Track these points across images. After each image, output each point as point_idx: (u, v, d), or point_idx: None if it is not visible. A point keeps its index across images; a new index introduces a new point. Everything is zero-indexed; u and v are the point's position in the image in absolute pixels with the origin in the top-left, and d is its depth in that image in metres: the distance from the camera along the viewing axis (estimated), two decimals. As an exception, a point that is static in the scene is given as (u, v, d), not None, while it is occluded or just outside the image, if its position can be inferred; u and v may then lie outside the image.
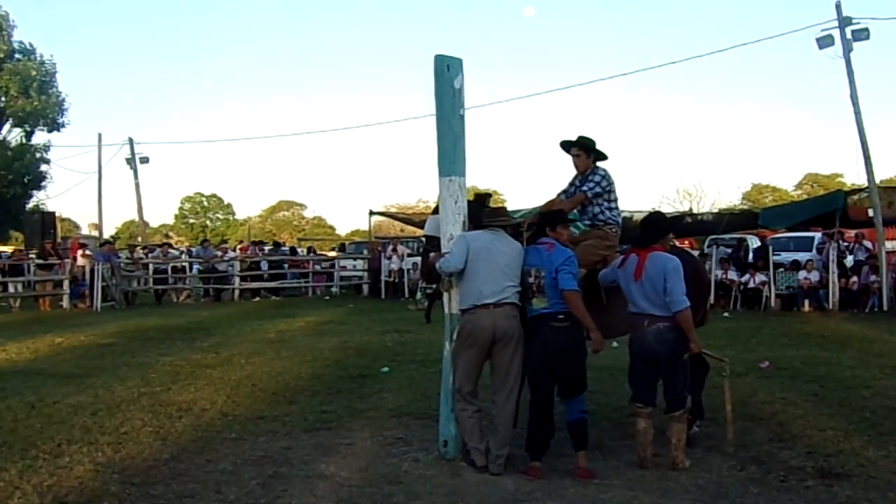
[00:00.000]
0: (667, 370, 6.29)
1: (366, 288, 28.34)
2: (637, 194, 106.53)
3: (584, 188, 7.19)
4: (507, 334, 6.18)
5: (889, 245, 22.42)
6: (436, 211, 7.15)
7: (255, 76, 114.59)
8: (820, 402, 8.57)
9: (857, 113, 21.50)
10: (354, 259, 31.07)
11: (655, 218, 6.83)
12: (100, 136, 39.51)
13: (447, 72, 6.54)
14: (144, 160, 38.63)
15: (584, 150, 7.27)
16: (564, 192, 7.43)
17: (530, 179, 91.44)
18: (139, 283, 26.38)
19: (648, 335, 6.22)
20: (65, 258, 24.75)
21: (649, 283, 6.19)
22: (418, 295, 23.32)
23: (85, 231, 57.70)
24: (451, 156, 6.60)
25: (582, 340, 6.32)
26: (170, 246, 33.08)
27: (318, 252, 35.79)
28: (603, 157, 7.33)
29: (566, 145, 7.36)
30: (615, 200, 7.32)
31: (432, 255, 6.81)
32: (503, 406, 6.30)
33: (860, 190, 23.83)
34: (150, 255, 28.39)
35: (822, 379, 9.89)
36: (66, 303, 23.33)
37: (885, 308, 19.63)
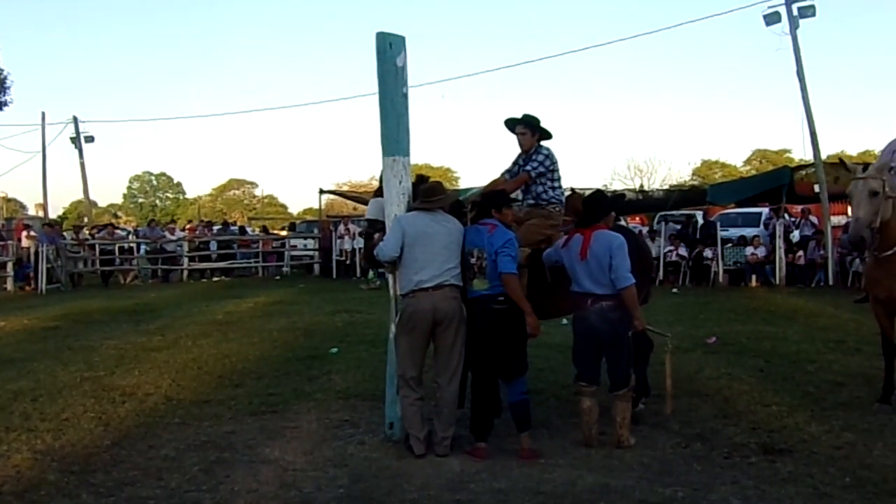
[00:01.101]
0: (610, 349, 6.29)
1: (317, 268, 28.14)
2: (589, 171, 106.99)
3: (528, 167, 7.14)
4: (447, 316, 6.13)
5: (835, 220, 22.76)
6: (377, 193, 7.07)
7: (204, 53, 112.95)
8: (765, 377, 8.67)
9: (804, 89, 21.75)
10: (305, 238, 30.82)
11: (598, 197, 6.81)
12: (43, 114, 38.67)
13: (389, 49, 6.44)
14: (90, 139, 37.95)
15: (528, 129, 7.22)
16: (508, 171, 7.37)
17: (482, 157, 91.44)
18: (85, 264, 25.99)
19: (592, 314, 6.21)
20: (8, 240, 24.28)
21: (595, 262, 6.17)
22: (370, 274, 23.20)
23: (31, 212, 56.61)
24: (394, 135, 6.52)
25: (522, 323, 6.28)
26: (114, 227, 32.52)
27: (270, 231, 35.49)
28: (547, 135, 7.28)
29: (511, 123, 7.30)
30: (559, 180, 7.29)
31: (376, 236, 6.73)
32: (447, 388, 6.26)
33: (807, 166, 24.15)
34: (96, 235, 27.92)
35: (768, 354, 10.01)
36: (10, 285, 22.93)
37: (830, 283, 19.93)
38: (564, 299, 6.58)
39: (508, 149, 7.45)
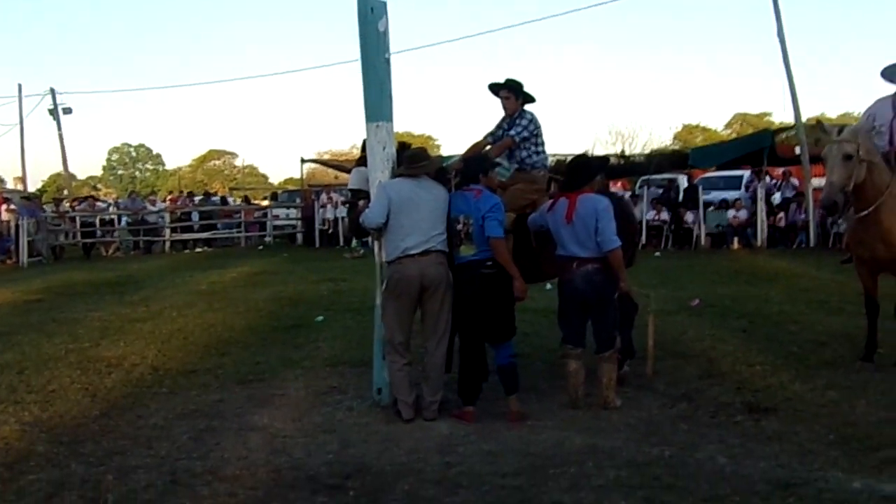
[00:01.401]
0: (596, 311, 6.33)
1: (300, 237, 28.08)
2: (570, 137, 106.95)
3: (512, 132, 7.13)
4: (434, 282, 6.14)
5: (816, 182, 22.82)
6: (359, 162, 7.05)
7: (181, 22, 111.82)
8: (748, 338, 8.75)
9: (784, 51, 21.79)
10: (287, 208, 30.71)
11: (582, 161, 6.82)
12: (20, 86, 38.39)
13: (371, 14, 6.38)
14: (67, 111, 37.66)
15: (512, 93, 7.20)
16: (492, 134, 7.35)
17: (464, 124, 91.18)
18: (66, 237, 25.85)
19: (577, 277, 6.24)
20: (-12, 214, 24.11)
21: (581, 225, 6.19)
22: (354, 243, 23.16)
23: (10, 185, 56.16)
24: (377, 101, 6.49)
25: (510, 287, 6.31)
26: (95, 199, 32.30)
27: (252, 201, 35.37)
28: (531, 99, 7.27)
29: (494, 88, 7.28)
30: (542, 144, 7.29)
31: (361, 203, 6.72)
32: (434, 352, 6.28)
33: (788, 128, 24.25)
34: (77, 207, 27.73)
35: (751, 315, 10.10)
36: (-9, 259, 22.74)
37: (811, 244, 20.06)
38: (549, 263, 6.61)
39: (489, 115, 7.44)
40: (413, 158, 6.40)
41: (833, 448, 5.29)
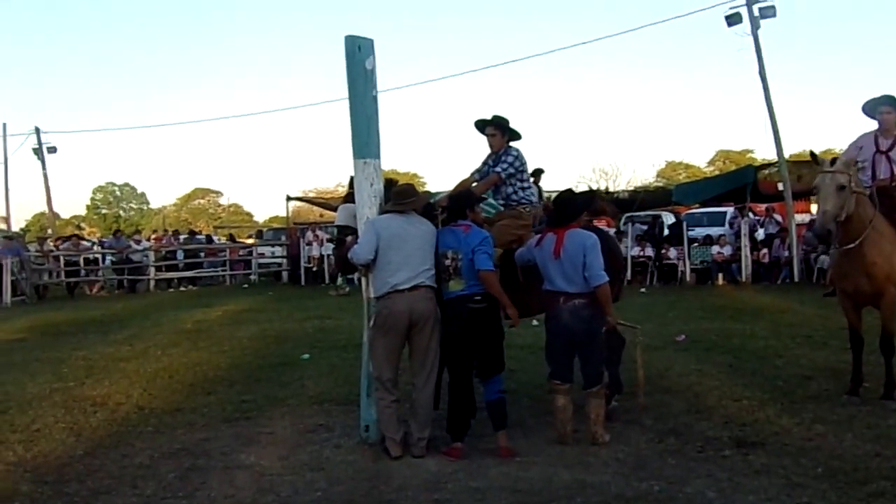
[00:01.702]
0: (583, 346, 6.35)
1: (285, 275, 28.00)
2: (554, 174, 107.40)
3: (498, 168, 7.18)
4: (423, 317, 6.15)
5: (798, 218, 23.03)
6: (346, 199, 7.09)
7: (165, 62, 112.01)
8: (735, 372, 8.76)
9: (766, 89, 22.03)
10: (273, 246, 30.66)
11: (569, 196, 6.86)
12: (4, 125, 38.37)
13: (358, 52, 6.46)
14: (52, 150, 37.57)
15: (498, 130, 7.26)
16: (478, 171, 7.41)
17: (449, 162, 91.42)
18: (50, 276, 25.72)
19: (564, 312, 6.26)
20: (-30, 253, 23.95)
21: (568, 261, 6.22)
22: (339, 280, 23.13)
23: (-7, 225, 55.93)
24: (364, 138, 6.54)
25: (499, 320, 6.36)
26: (79, 237, 32.18)
27: (238, 239, 35.30)
28: (517, 136, 7.33)
29: (480, 124, 7.34)
30: (528, 180, 7.37)
31: (349, 239, 6.74)
32: (423, 388, 6.28)
33: (770, 165, 24.44)
34: (61, 247, 27.60)
35: (737, 350, 10.12)
36: (-27, 299, 22.57)
37: (795, 279, 20.15)
38: (536, 298, 6.63)
39: (474, 153, 7.50)
40: (401, 194, 6.43)
41: (821, 481, 5.30)
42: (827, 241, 7.37)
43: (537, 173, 15.59)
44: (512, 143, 7.31)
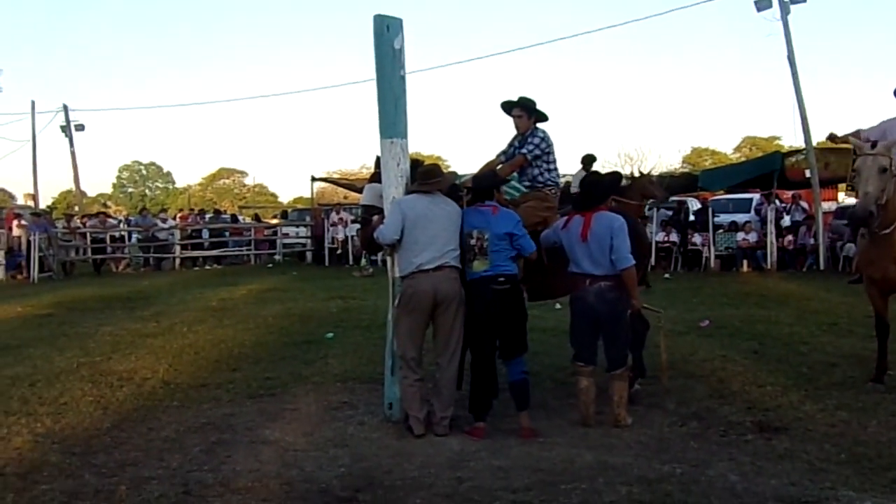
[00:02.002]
0: (608, 329, 6.35)
1: (309, 255, 28.09)
2: (577, 158, 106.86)
3: (524, 150, 7.18)
4: (448, 297, 6.18)
5: (825, 206, 22.85)
6: (372, 179, 7.11)
7: (193, 41, 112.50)
8: (759, 358, 8.74)
9: (795, 75, 21.81)
10: (297, 226, 30.78)
11: (597, 179, 6.85)
12: (33, 103, 38.52)
13: (387, 32, 6.47)
14: (80, 128, 37.86)
15: (525, 111, 7.25)
16: (504, 152, 7.40)
17: (473, 144, 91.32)
18: (77, 252, 25.94)
19: (590, 294, 6.27)
20: (-1, 229, 24.24)
21: (595, 243, 6.23)
22: (363, 261, 23.21)
23: (20, 201, 56.32)
24: (392, 117, 6.54)
25: (522, 302, 6.39)
26: (106, 215, 32.42)
27: (262, 219, 35.43)
28: (543, 118, 7.31)
29: (507, 106, 7.32)
30: (554, 162, 7.33)
31: (375, 218, 6.76)
32: (446, 368, 6.31)
33: (797, 152, 24.21)
34: (87, 224, 27.82)
35: (761, 336, 10.08)
36: (1, 274, 22.90)
37: (821, 267, 20.00)
38: (560, 281, 6.64)
39: (499, 135, 7.49)
40: (427, 175, 6.44)
41: (844, 467, 5.29)
42: (868, 224, 7.28)
43: (589, 160, 15.59)
44: (539, 125, 7.30)
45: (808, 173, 21.66)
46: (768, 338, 9.99)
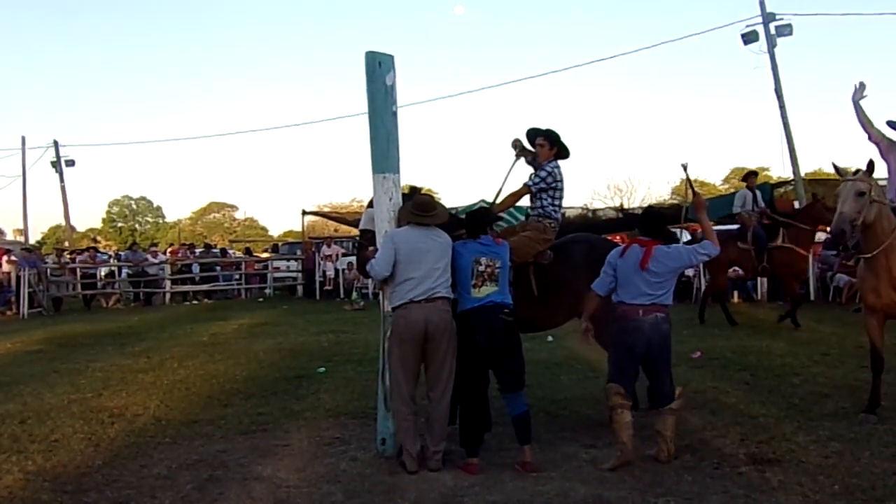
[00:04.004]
0: (659, 360, 6.35)
1: (300, 289, 28.07)
2: (569, 190, 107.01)
3: (529, 181, 7.28)
4: (439, 329, 6.16)
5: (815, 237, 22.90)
6: (370, 204, 7.15)
7: (182, 77, 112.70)
8: (751, 390, 8.74)
9: (782, 107, 22.04)
10: (288, 260, 30.77)
11: (659, 212, 6.95)
12: (23, 138, 38.57)
13: (378, 68, 6.53)
14: (70, 163, 37.83)
15: (548, 141, 7.38)
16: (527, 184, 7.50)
17: (465, 177, 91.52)
18: (67, 288, 25.86)
19: (646, 324, 6.22)
20: (-12, 265, 24.16)
21: (654, 273, 6.28)
22: (354, 295, 23.23)
23: (10, 237, 56.20)
24: (384, 152, 6.60)
25: (518, 334, 6.41)
26: (96, 250, 32.37)
27: (253, 253, 35.42)
28: (565, 153, 7.45)
29: (532, 133, 7.47)
30: (560, 198, 7.40)
31: (370, 249, 6.78)
32: (439, 402, 6.29)
33: (786, 183, 24.36)
34: (77, 259, 27.76)
35: (753, 367, 10.08)
36: (-9, 310, 22.74)
37: (811, 298, 20.03)
38: (554, 312, 6.65)
39: (491, 168, 7.55)
40: (423, 207, 6.43)
41: (838, 499, 5.29)
42: (841, 241, 7.52)
43: (750, 176, 15.87)
44: (559, 161, 7.42)
45: (796, 204, 21.76)
46: (760, 368, 9.99)
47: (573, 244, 7.62)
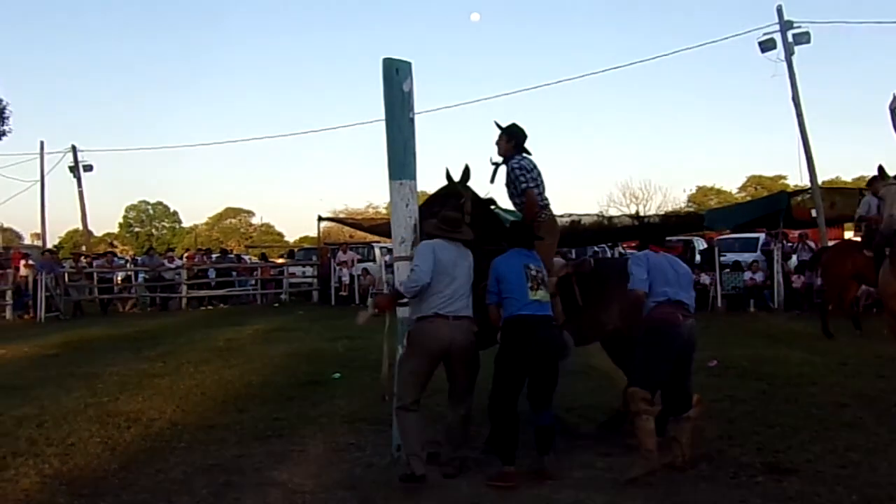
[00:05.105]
0: (686, 367, 6.37)
1: (315, 294, 28.12)
2: (585, 197, 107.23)
3: (523, 185, 7.02)
4: (462, 348, 6.11)
5: (832, 245, 22.81)
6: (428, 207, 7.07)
7: (200, 82, 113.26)
8: (768, 399, 8.70)
9: (800, 115, 21.93)
10: (304, 266, 30.82)
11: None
12: (42, 143, 38.74)
13: (396, 75, 6.55)
14: (88, 168, 37.95)
15: (504, 136, 7.23)
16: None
17: (481, 184, 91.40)
18: (84, 292, 25.98)
19: (685, 329, 6.23)
20: (7, 269, 24.29)
21: (684, 279, 6.41)
22: (369, 301, 23.16)
23: (27, 241, 56.59)
24: (401, 159, 6.61)
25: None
26: (114, 254, 32.54)
27: (269, 259, 35.51)
28: (522, 143, 7.22)
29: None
30: (542, 186, 7.15)
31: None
32: (458, 407, 6.29)
33: (803, 191, 24.24)
34: (94, 263, 27.90)
35: (770, 377, 10.03)
36: (9, 314, 22.87)
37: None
38: (589, 326, 6.64)
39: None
40: (452, 223, 6.37)
41: (856, 509, 5.26)
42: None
43: (875, 181, 15.47)
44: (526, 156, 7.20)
45: (814, 213, 21.68)
46: (777, 378, 9.94)
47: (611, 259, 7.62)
